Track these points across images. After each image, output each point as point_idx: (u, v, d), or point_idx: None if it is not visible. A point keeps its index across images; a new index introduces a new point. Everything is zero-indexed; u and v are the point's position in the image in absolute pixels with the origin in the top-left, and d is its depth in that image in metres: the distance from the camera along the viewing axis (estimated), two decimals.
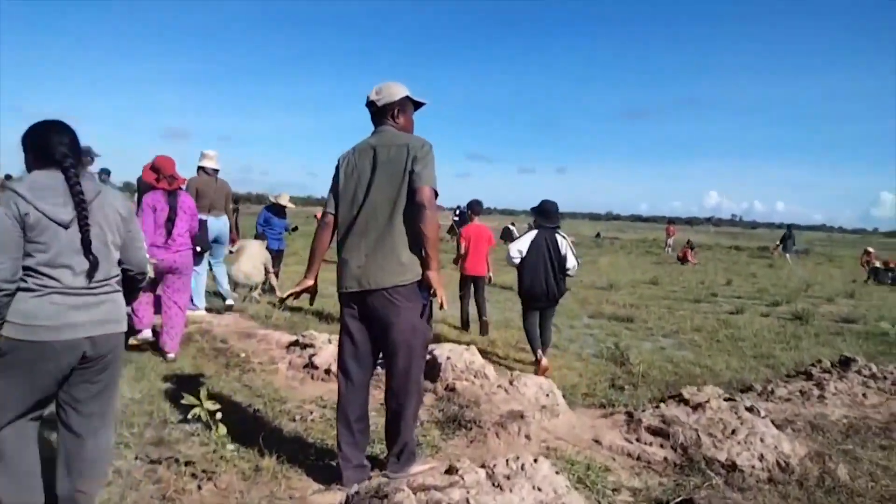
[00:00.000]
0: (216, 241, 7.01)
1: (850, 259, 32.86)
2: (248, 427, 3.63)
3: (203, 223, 6.56)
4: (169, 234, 5.02)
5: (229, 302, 7.40)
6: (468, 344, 5.76)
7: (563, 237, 5.70)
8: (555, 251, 5.57)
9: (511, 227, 27.71)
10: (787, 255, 25.54)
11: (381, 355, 2.98)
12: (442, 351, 4.17)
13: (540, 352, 5.67)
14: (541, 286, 5.63)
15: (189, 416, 3.06)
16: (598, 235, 45.07)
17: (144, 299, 5.26)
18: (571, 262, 5.67)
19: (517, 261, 5.67)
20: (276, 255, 9.12)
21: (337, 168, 3.01)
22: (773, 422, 3.75)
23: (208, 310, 7.14)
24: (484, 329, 7.49)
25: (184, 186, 5.70)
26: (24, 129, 2.28)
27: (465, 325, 7.83)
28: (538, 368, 5.48)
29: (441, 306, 2.83)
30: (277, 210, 9.30)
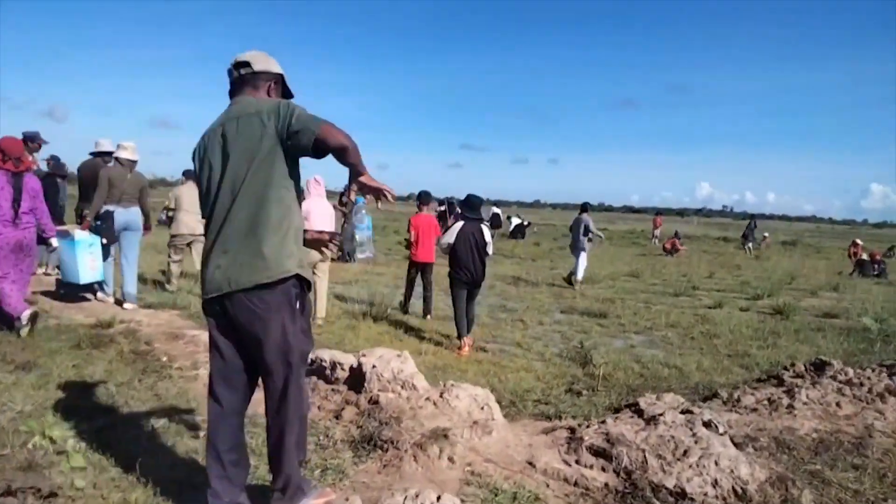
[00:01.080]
0: (126, 228, 6.78)
1: (837, 251, 32.64)
2: (137, 447, 3.18)
3: (109, 214, 6.50)
4: (16, 213, 5.24)
5: (128, 305, 6.80)
6: (417, 333, 5.34)
7: (487, 226, 6.61)
8: (480, 239, 6.36)
9: (496, 211, 27.24)
10: (749, 246, 25.64)
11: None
12: (369, 358, 3.72)
13: (465, 337, 6.31)
14: (467, 270, 6.38)
15: (31, 446, 2.60)
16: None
17: (8, 289, 5.24)
18: (490, 249, 6.57)
19: (445, 248, 6.46)
20: None
21: (193, 161, 2.52)
22: (733, 439, 3.33)
23: (148, 307, 6.70)
24: (427, 306, 8.13)
25: (34, 168, 6.30)
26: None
27: (405, 306, 8.34)
28: (459, 352, 6.14)
29: (388, 197, 2.48)
30: None
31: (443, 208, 18.65)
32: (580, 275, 11.82)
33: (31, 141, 7.75)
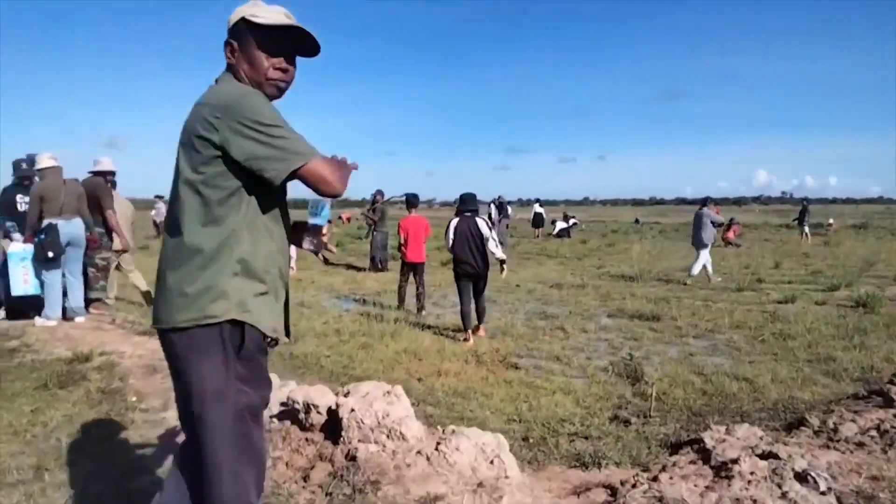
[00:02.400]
0: (69, 243, 6.36)
1: None
2: None
3: (53, 226, 6.13)
4: None
5: (78, 319, 6.52)
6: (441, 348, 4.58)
7: (483, 219, 6.72)
8: (476, 232, 6.58)
9: (539, 210, 26.18)
10: (806, 230, 23.54)
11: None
12: (350, 399, 2.93)
13: (470, 332, 6.57)
14: (466, 263, 6.63)
15: None
16: (636, 221, 42.98)
17: None
18: (492, 244, 6.62)
19: (450, 244, 6.74)
20: None
21: None
22: (840, 499, 2.40)
23: (142, 333, 6.10)
24: (419, 302, 8.37)
25: None
26: None
27: (401, 301, 8.76)
28: (465, 342, 6.40)
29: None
30: None
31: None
32: (696, 270, 11.45)
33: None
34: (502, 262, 6.85)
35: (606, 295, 9.83)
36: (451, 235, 6.68)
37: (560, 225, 26.42)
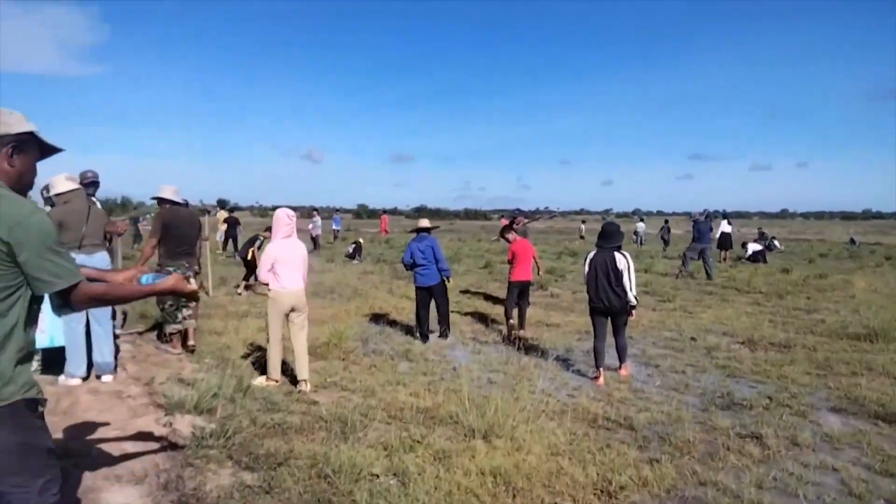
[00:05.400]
0: None
1: None
2: None
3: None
4: None
5: (105, 378, 5.43)
6: None
7: (623, 255, 6.34)
8: (613, 267, 6.26)
9: (727, 230, 21.88)
10: None
11: None
12: None
13: (602, 368, 6.33)
14: (598, 298, 6.37)
15: None
16: (852, 241, 36.11)
17: None
18: (627, 283, 6.22)
19: (585, 277, 6.51)
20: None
21: None
22: None
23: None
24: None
25: None
26: None
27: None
28: (595, 381, 6.26)
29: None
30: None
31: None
32: None
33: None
34: (632, 307, 6.35)
35: (826, 365, 6.90)
36: (587, 268, 6.51)
37: (753, 247, 22.26)
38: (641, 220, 39.23)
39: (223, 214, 22.67)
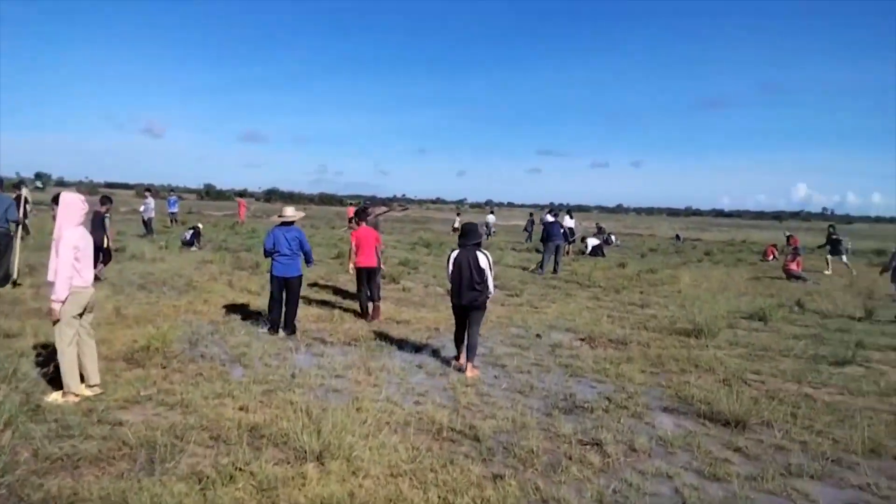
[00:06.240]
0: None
1: None
2: None
3: None
4: None
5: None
6: None
7: (485, 254, 6.56)
8: (475, 266, 6.46)
9: (570, 224, 23.03)
10: (844, 259, 19.84)
11: None
12: None
13: (464, 357, 6.68)
14: (461, 296, 6.55)
15: None
16: (677, 237, 39.76)
17: None
18: (490, 280, 6.53)
19: (449, 275, 6.65)
20: None
21: None
22: None
23: None
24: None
25: None
26: None
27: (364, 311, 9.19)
28: (457, 364, 6.72)
29: None
30: None
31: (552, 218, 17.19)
32: None
33: None
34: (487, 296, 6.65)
35: (658, 362, 7.24)
36: (451, 267, 6.61)
37: (592, 242, 23.62)
38: (492, 211, 40.45)
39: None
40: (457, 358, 6.86)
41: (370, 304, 9.17)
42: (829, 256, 20.00)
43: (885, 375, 7.00)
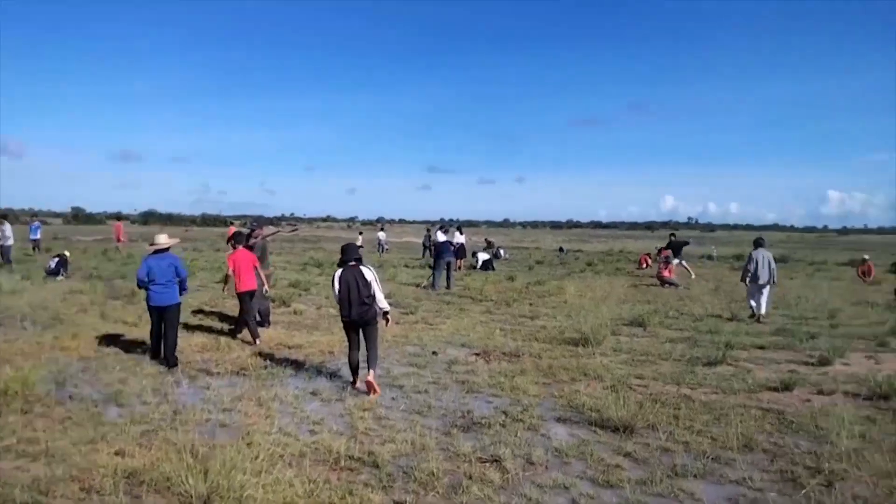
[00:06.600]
0: None
1: (833, 266, 30.10)
2: None
3: None
4: None
5: None
6: None
7: (368, 268, 6.72)
8: (362, 282, 6.56)
9: (461, 240, 23.43)
10: (684, 264, 21.06)
11: None
12: None
13: (360, 380, 6.66)
14: (351, 313, 6.57)
15: None
16: (561, 249, 41.58)
17: None
18: (378, 294, 6.64)
19: (337, 294, 6.64)
20: None
21: None
22: None
23: None
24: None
25: None
26: None
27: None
28: (353, 386, 6.72)
29: None
30: None
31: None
32: (764, 309, 11.98)
33: None
34: (385, 312, 6.76)
35: (550, 372, 7.46)
36: (337, 285, 6.60)
37: (482, 256, 24.17)
38: (382, 228, 40.38)
39: None
40: (353, 383, 6.76)
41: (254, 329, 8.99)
42: (677, 260, 21.31)
43: (751, 373, 7.62)
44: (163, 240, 7.85)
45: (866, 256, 23.32)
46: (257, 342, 8.71)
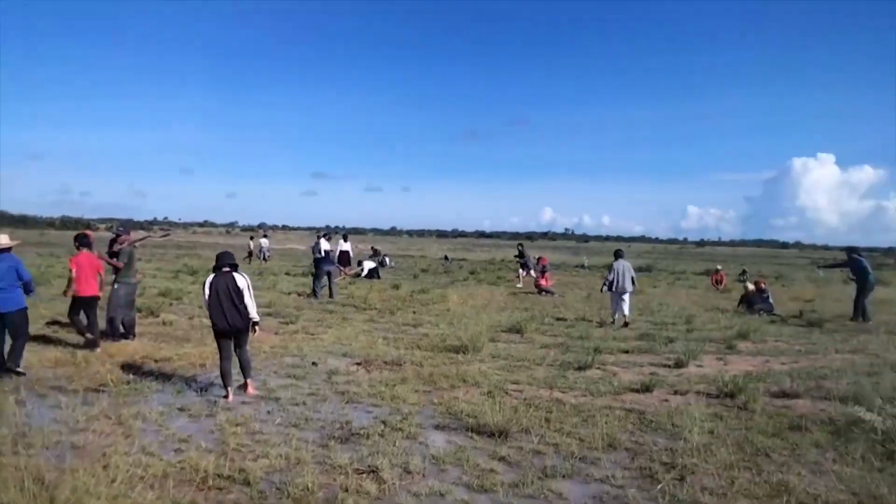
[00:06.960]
0: None
1: (691, 276, 32.80)
2: None
3: None
4: None
5: None
6: None
7: (242, 275, 6.59)
8: (234, 288, 6.46)
9: (346, 247, 23.30)
10: (532, 273, 22.01)
11: None
12: None
13: (230, 388, 6.53)
14: (222, 320, 6.44)
15: None
16: (446, 258, 42.22)
17: None
18: (249, 300, 6.54)
19: (206, 301, 6.47)
20: None
21: None
22: None
23: None
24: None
25: None
26: None
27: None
28: (226, 399, 6.45)
29: None
30: None
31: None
32: (627, 312, 12.87)
33: None
34: (255, 323, 6.68)
35: (431, 380, 7.52)
36: (207, 291, 6.45)
37: (368, 265, 24.03)
38: (265, 235, 39.12)
39: None
40: (225, 396, 6.51)
41: (88, 334, 8.72)
42: (521, 271, 22.63)
43: (617, 376, 8.11)
44: (3, 240, 7.16)
45: (719, 267, 25.70)
46: (96, 347, 8.51)
